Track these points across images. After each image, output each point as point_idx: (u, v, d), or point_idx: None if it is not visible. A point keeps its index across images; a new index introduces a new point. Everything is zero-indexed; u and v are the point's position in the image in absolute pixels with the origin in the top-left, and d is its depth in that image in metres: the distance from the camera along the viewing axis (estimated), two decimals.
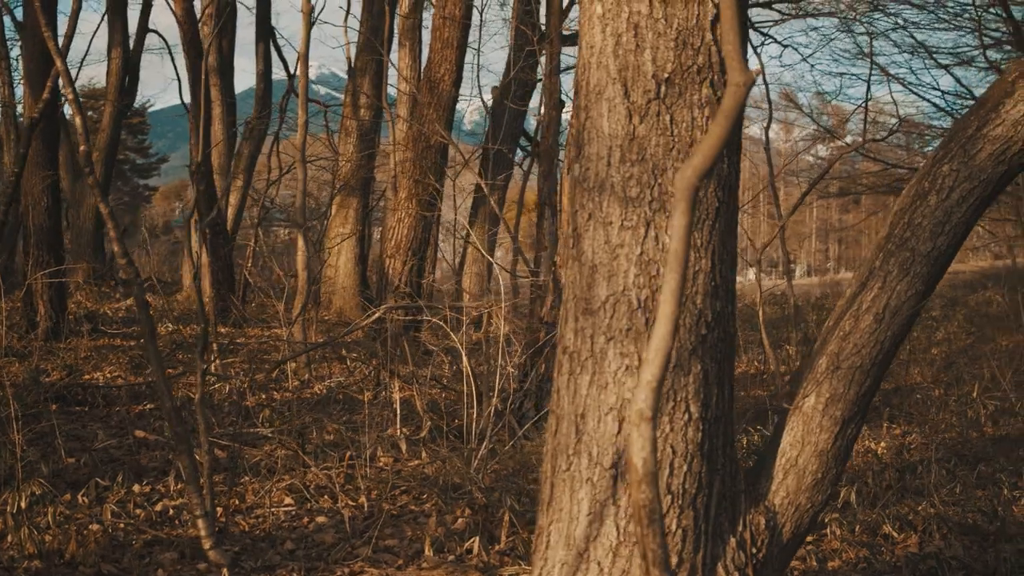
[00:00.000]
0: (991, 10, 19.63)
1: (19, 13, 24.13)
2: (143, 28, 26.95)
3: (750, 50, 12.89)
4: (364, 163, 21.35)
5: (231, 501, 7.63)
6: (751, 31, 25.98)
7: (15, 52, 24.64)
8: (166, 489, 7.99)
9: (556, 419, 4.32)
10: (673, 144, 4.02)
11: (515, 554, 6.81)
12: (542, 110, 24.47)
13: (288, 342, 13.39)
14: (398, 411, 9.78)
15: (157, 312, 19.60)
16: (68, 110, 23.75)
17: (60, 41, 9.66)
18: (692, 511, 4.11)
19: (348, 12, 22.05)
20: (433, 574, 6.34)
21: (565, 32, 22.28)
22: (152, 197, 72.60)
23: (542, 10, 21.51)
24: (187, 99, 23.17)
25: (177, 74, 26.79)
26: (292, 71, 23.52)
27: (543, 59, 22.52)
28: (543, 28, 20.57)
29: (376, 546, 6.82)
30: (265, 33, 25.07)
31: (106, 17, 26.17)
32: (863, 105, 16.48)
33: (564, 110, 11.59)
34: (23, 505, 6.86)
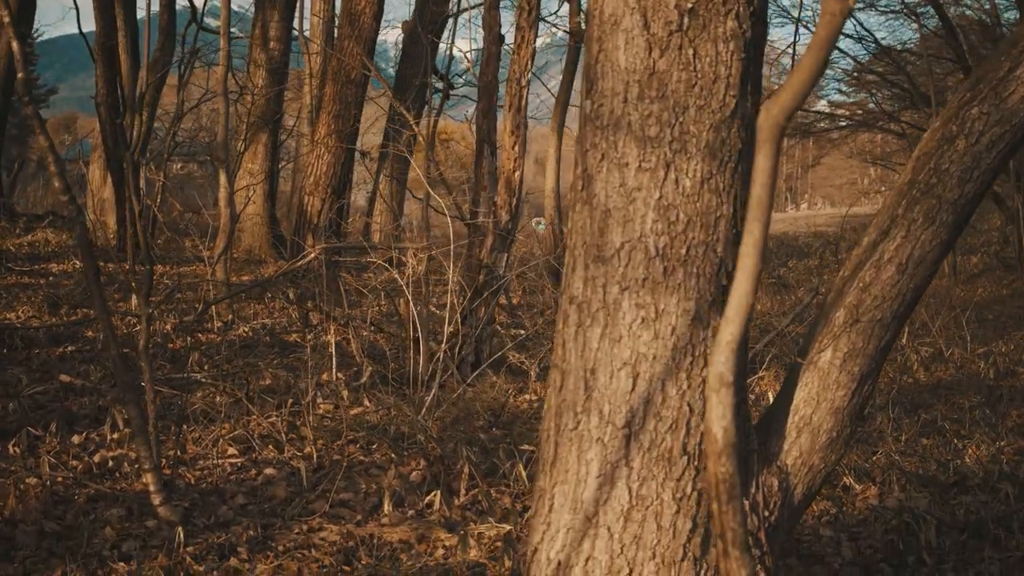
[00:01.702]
0: None
1: None
2: None
3: None
4: (274, 98, 20.86)
5: (172, 452, 7.27)
6: None
7: None
8: (102, 438, 7.62)
9: (561, 374, 4.04)
10: (696, 80, 3.74)
11: (477, 509, 6.55)
12: (455, 45, 24.21)
13: (210, 281, 12.96)
14: (334, 355, 9.48)
15: (62, 248, 19.04)
16: None
17: None
18: None
19: None
20: (397, 531, 6.06)
21: None
22: (37, 130, 71.11)
23: None
24: (86, 28, 22.48)
25: (75, 3, 25.81)
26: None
27: None
28: None
29: (331, 500, 6.53)
30: None
31: None
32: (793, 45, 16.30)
33: (504, 44, 11.22)
34: None
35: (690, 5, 3.70)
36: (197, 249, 18.32)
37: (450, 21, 23.50)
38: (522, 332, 11.40)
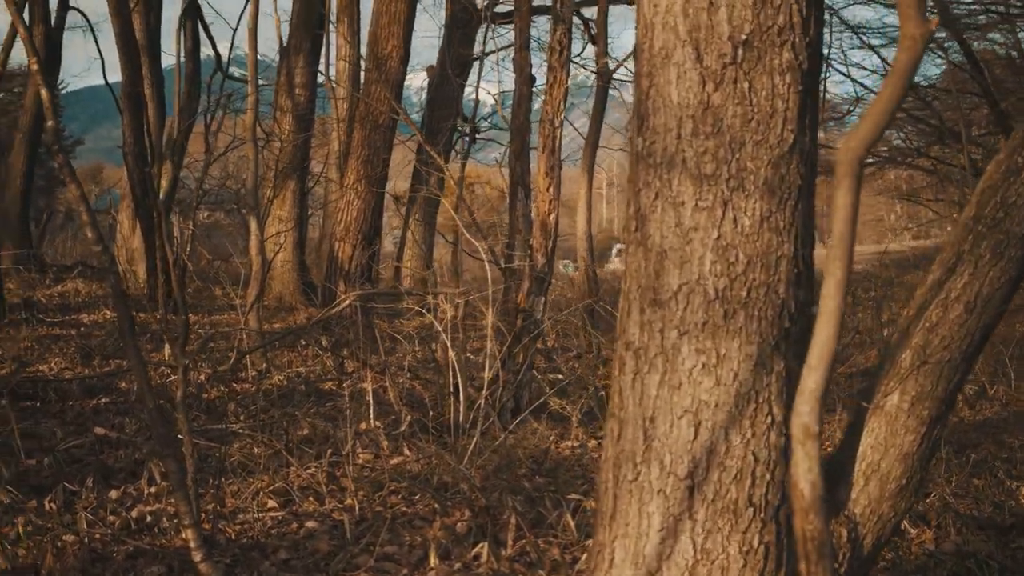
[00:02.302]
0: None
1: None
2: (64, 4, 26.12)
3: None
4: (301, 145, 20.84)
5: (212, 506, 7.14)
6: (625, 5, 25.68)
7: None
8: (139, 493, 7.49)
9: (619, 423, 3.90)
10: (752, 115, 3.61)
11: (525, 560, 6.39)
12: (480, 88, 24.17)
13: (243, 330, 12.86)
14: (371, 404, 9.36)
15: (93, 298, 19.01)
16: None
17: None
18: (775, 524, 3.71)
19: None
20: None
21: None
22: (68, 180, 71.54)
23: None
24: (111, 79, 22.55)
25: (100, 53, 25.95)
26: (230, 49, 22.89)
27: (482, 35, 22.15)
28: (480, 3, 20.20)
29: (376, 553, 6.37)
30: (193, 9, 24.42)
31: None
32: None
33: (535, 86, 11.13)
34: None
35: (744, 37, 3.58)
36: (228, 297, 18.28)
37: (475, 64, 23.50)
38: (560, 376, 11.26)
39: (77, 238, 39.69)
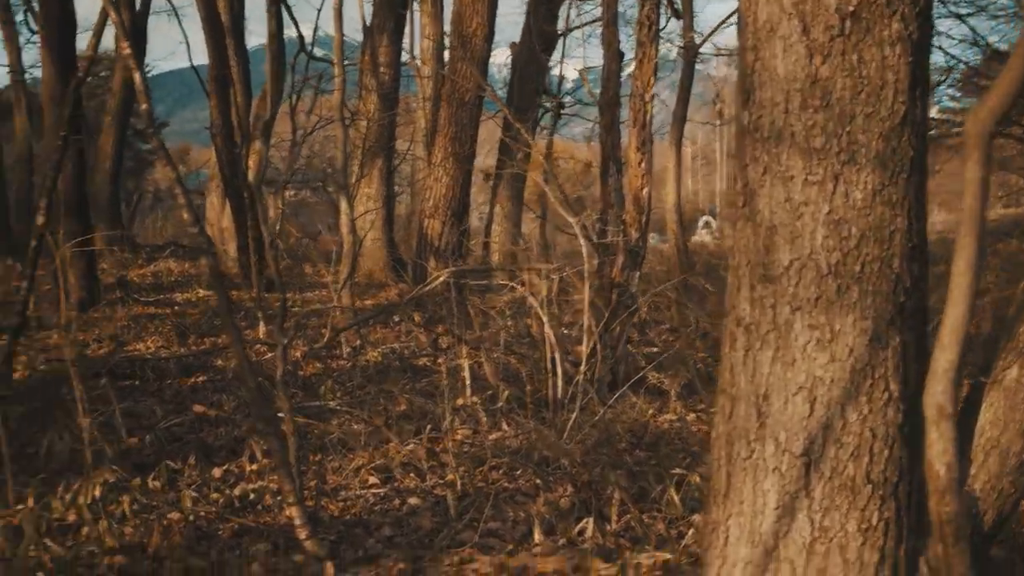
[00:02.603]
0: None
1: None
2: None
3: None
4: (387, 123, 20.86)
5: (313, 483, 7.19)
6: None
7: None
8: (240, 470, 7.56)
9: (730, 400, 3.87)
10: (861, 87, 3.55)
11: (630, 535, 6.36)
12: (564, 63, 24.11)
13: (337, 308, 12.93)
14: (467, 379, 9.37)
15: (185, 277, 19.20)
16: None
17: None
18: (894, 501, 3.66)
19: None
20: (550, 561, 5.88)
21: None
22: (155, 161, 72.19)
23: None
24: (196, 62, 22.75)
25: (185, 37, 26.19)
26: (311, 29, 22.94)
27: (565, 12, 22.06)
28: None
29: (480, 529, 6.38)
30: None
31: None
32: None
33: (623, 61, 11.07)
34: (96, 494, 6.41)
35: (852, 8, 3.52)
36: (319, 275, 18.38)
37: (559, 40, 23.43)
38: (654, 349, 11.21)
39: (167, 218, 40.11)
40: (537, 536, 6.25)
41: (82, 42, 18.85)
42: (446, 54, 21.16)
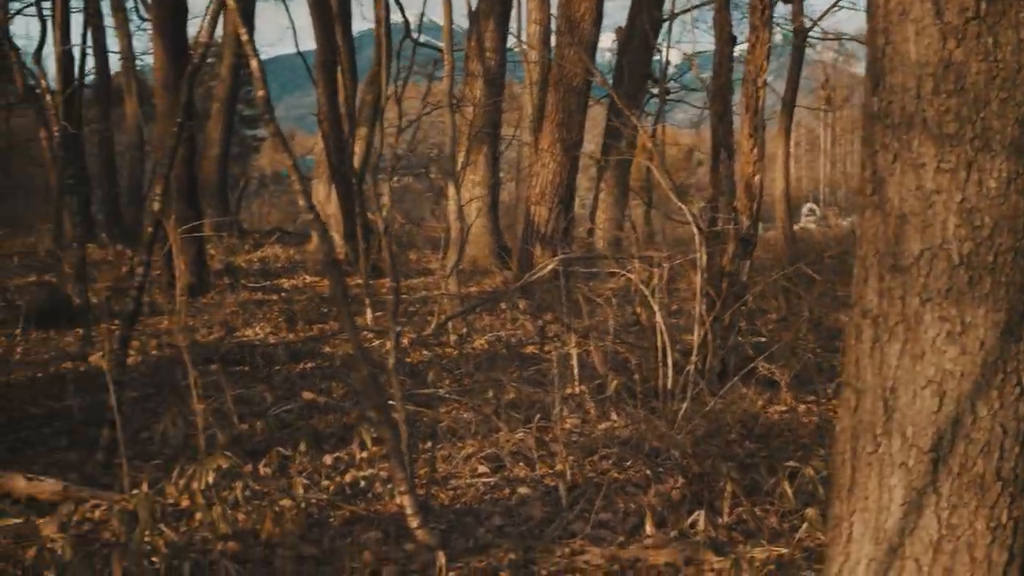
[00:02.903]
0: None
1: None
2: None
3: None
4: (492, 109, 20.85)
5: (423, 471, 7.17)
6: None
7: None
8: (350, 457, 7.58)
9: (855, 393, 3.78)
10: (996, 72, 3.45)
11: (743, 529, 6.27)
12: (665, 50, 23.94)
13: (445, 295, 12.94)
14: (575, 368, 9.32)
15: (292, 264, 19.35)
16: None
17: None
18: None
19: None
20: (662, 553, 5.81)
21: None
22: (260, 147, 72.91)
23: None
24: (301, 48, 22.87)
25: (292, 23, 26.36)
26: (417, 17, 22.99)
27: None
28: None
29: (591, 520, 6.32)
30: None
31: None
32: None
33: (736, 46, 10.94)
34: (210, 480, 6.44)
35: None
36: (426, 261, 18.44)
37: (665, 24, 23.28)
38: (761, 339, 11.08)
39: (273, 204, 40.50)
40: (649, 528, 6.18)
41: (191, 28, 19.05)
42: (553, 39, 21.09)
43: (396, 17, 22.90)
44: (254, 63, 6.52)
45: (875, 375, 3.68)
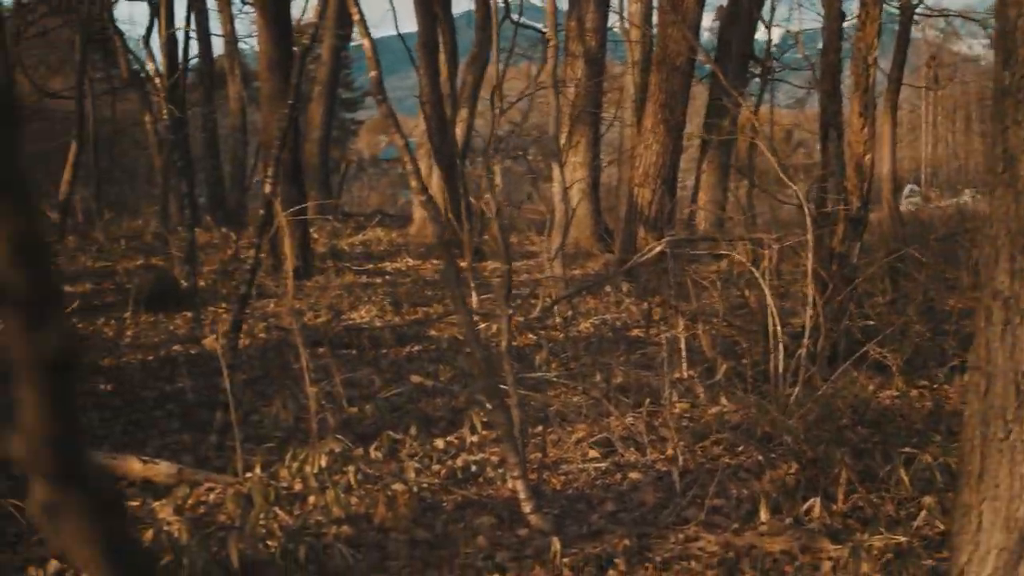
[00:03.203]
0: None
1: None
2: None
3: None
4: (593, 90, 20.76)
5: (534, 456, 7.15)
6: None
7: None
8: (460, 442, 7.58)
9: (985, 377, 3.68)
10: None
11: (858, 516, 6.17)
12: (770, 29, 23.67)
13: (551, 278, 12.92)
14: (683, 351, 9.24)
15: (394, 247, 19.41)
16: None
17: None
18: None
19: None
20: (777, 541, 5.74)
21: None
22: (358, 130, 73.30)
23: None
24: (404, 29, 22.89)
25: (392, 4, 26.35)
26: None
27: None
28: None
29: (705, 507, 6.26)
30: None
31: None
32: None
33: (845, 21, 10.79)
34: (323, 464, 6.47)
35: None
36: (527, 243, 18.41)
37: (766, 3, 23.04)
38: (869, 322, 10.91)
39: (372, 187, 40.70)
40: (763, 515, 6.10)
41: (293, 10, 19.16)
42: (654, 17, 20.93)
43: None
44: (366, 43, 6.57)
45: (1006, 359, 3.59)
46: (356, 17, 6.72)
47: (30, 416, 0.93)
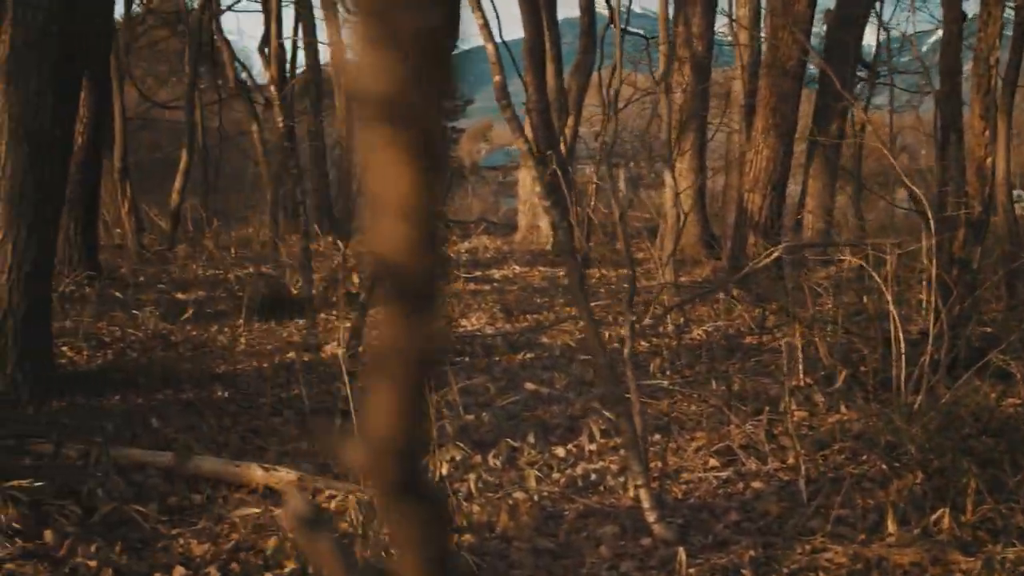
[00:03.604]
0: None
1: None
2: None
3: None
4: (700, 95, 20.67)
5: (655, 464, 7.09)
6: None
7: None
8: (579, 450, 7.55)
9: None
10: None
11: (988, 528, 6.03)
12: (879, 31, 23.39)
13: (664, 285, 12.86)
14: (800, 359, 9.13)
15: (500, 254, 19.45)
16: None
17: None
18: None
19: None
20: (906, 552, 5.63)
21: None
22: (459, 139, 73.75)
23: None
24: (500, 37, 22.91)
25: (496, 12, 26.45)
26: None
27: None
28: None
29: (829, 517, 6.16)
30: None
31: None
32: None
33: (966, 21, 10.63)
34: (444, 472, 6.47)
35: None
36: (634, 249, 18.35)
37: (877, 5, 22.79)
38: (987, 329, 10.72)
39: (475, 195, 40.83)
40: (891, 526, 5.99)
41: None
42: (762, 20, 20.76)
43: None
44: (490, 47, 6.57)
45: None
46: (479, 22, 6.73)
47: (383, 416, 0.92)
